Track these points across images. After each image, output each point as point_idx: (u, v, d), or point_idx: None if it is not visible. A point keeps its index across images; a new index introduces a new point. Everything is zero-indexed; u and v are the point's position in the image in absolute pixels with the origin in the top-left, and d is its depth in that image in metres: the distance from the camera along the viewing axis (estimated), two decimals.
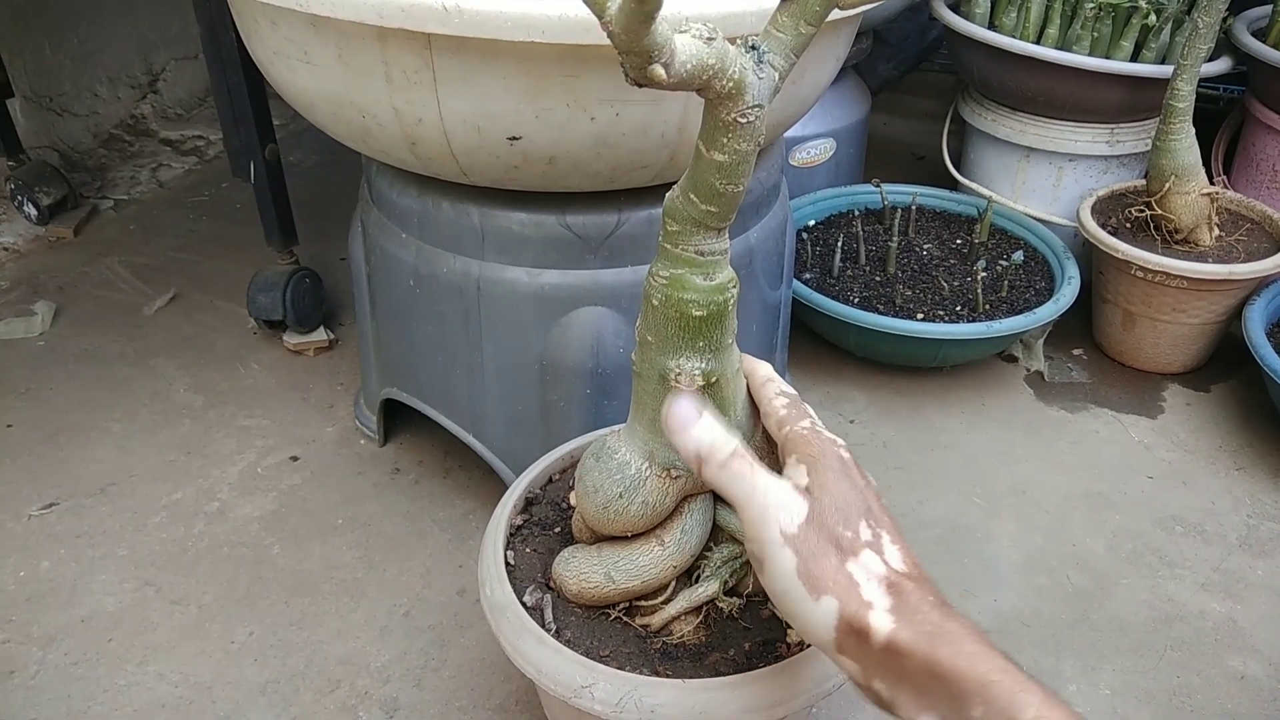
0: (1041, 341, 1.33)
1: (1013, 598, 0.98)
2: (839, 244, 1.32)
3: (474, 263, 0.89)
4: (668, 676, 0.58)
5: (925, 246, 1.38)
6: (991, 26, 1.38)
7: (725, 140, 0.44)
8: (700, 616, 0.62)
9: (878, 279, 1.30)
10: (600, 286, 0.88)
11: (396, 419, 1.16)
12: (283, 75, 0.83)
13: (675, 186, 0.48)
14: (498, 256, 0.88)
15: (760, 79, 0.43)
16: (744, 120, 0.43)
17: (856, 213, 1.46)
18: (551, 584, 0.63)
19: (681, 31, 0.39)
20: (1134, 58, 1.34)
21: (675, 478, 0.57)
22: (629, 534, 0.59)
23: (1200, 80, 1.21)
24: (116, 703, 0.85)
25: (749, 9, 0.72)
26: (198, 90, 2.04)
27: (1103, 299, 1.34)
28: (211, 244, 1.57)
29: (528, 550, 0.67)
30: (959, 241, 1.40)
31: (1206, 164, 1.33)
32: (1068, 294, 1.25)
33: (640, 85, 0.38)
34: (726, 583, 0.62)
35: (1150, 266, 1.23)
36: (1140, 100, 1.35)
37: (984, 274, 1.26)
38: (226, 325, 1.36)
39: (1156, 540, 1.06)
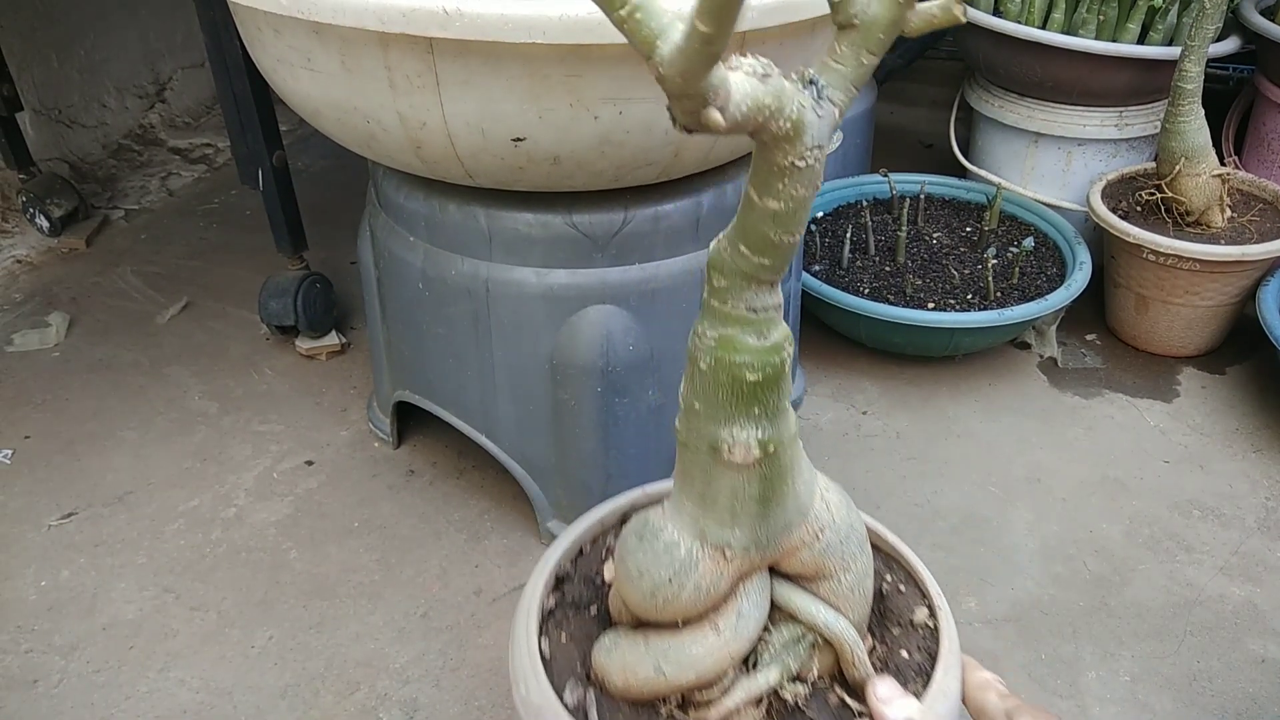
0: (1054, 328, 1.33)
1: (1030, 586, 0.98)
2: (848, 235, 1.31)
3: (482, 264, 0.89)
4: None
5: (935, 235, 1.38)
6: (997, 12, 1.38)
7: (781, 187, 0.39)
8: (762, 708, 0.55)
9: (887, 269, 1.30)
10: (608, 285, 0.88)
11: (409, 421, 1.16)
12: (287, 82, 0.83)
13: (721, 237, 0.44)
14: (505, 257, 0.88)
15: (820, 117, 0.38)
16: (803, 164, 0.38)
17: (865, 203, 1.46)
18: (592, 676, 0.57)
19: (732, 69, 0.35)
20: (1141, 40, 1.33)
21: (731, 559, 0.51)
22: (679, 622, 0.52)
23: (1209, 60, 1.20)
24: (139, 710, 0.85)
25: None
26: (205, 98, 2.05)
27: (1115, 283, 1.33)
28: (222, 251, 1.58)
29: (563, 638, 0.59)
30: (969, 229, 1.40)
31: (1217, 145, 1.32)
32: (1079, 279, 1.24)
33: (691, 132, 0.34)
34: (789, 669, 0.55)
35: (1162, 250, 1.22)
36: (1148, 82, 1.34)
37: (994, 261, 1.26)
38: (239, 332, 1.37)
39: (1174, 525, 1.05)
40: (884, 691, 0.53)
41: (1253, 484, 1.11)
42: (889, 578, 0.59)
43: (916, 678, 0.55)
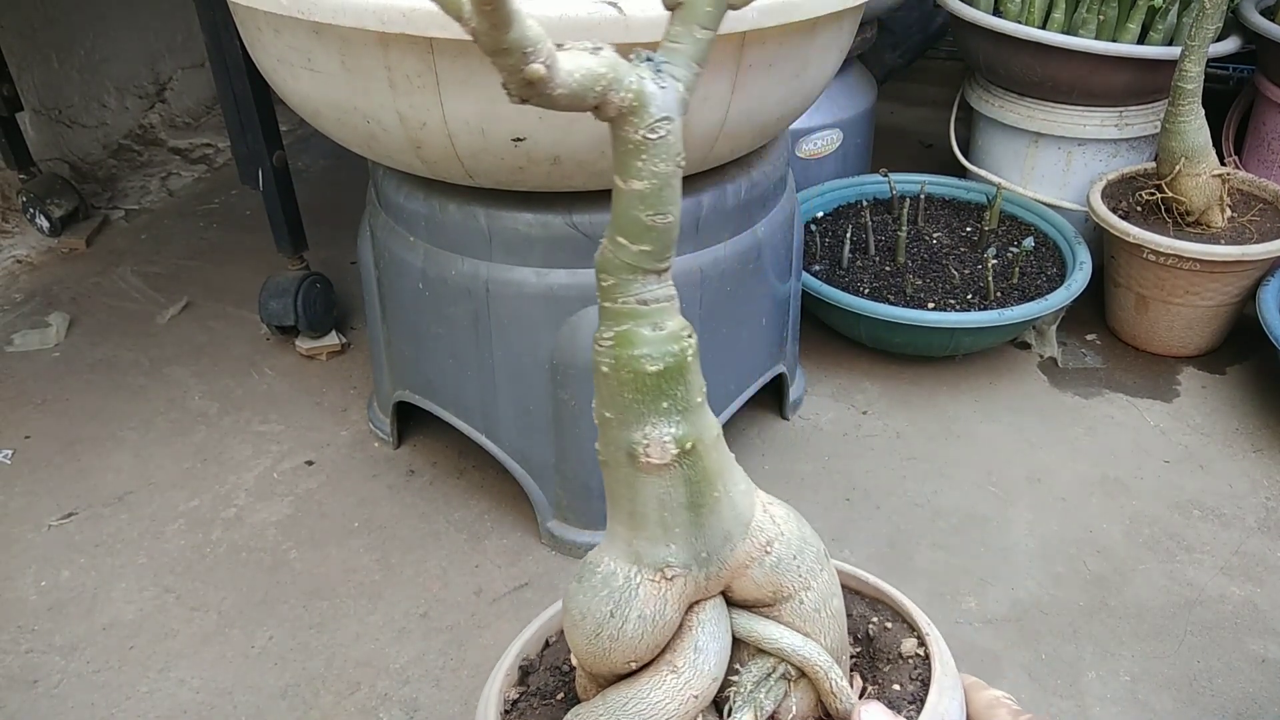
0: (1054, 328, 1.33)
1: (1031, 586, 0.98)
2: (848, 235, 1.31)
3: (482, 264, 0.89)
4: None
5: (935, 235, 1.38)
6: (996, 12, 1.38)
7: (640, 164, 0.39)
8: None
9: (888, 269, 1.30)
10: None
11: (409, 421, 1.16)
12: (287, 82, 0.83)
13: (600, 247, 0.44)
14: (505, 257, 0.88)
15: (663, 88, 0.39)
16: (654, 135, 0.39)
17: (865, 203, 1.46)
18: None
19: (564, 49, 0.36)
20: (1141, 40, 1.33)
21: (671, 578, 0.48)
22: (632, 664, 0.49)
23: (1209, 60, 1.20)
24: (139, 710, 0.85)
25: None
26: (205, 98, 2.05)
27: (1115, 283, 1.33)
28: (222, 251, 1.58)
29: None
30: (969, 229, 1.40)
31: (1217, 145, 1.32)
32: (1079, 279, 1.24)
33: (525, 100, 0.34)
34: (763, 708, 0.51)
35: (1162, 249, 1.22)
36: (1148, 82, 1.34)
37: (995, 261, 1.25)
38: (239, 332, 1.37)
39: (1174, 525, 1.05)
40: (869, 718, 0.49)
41: (1253, 484, 1.11)
42: (875, 619, 0.56)
43: (910, 705, 0.52)
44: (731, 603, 0.51)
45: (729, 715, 0.50)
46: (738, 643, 0.51)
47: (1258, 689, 0.88)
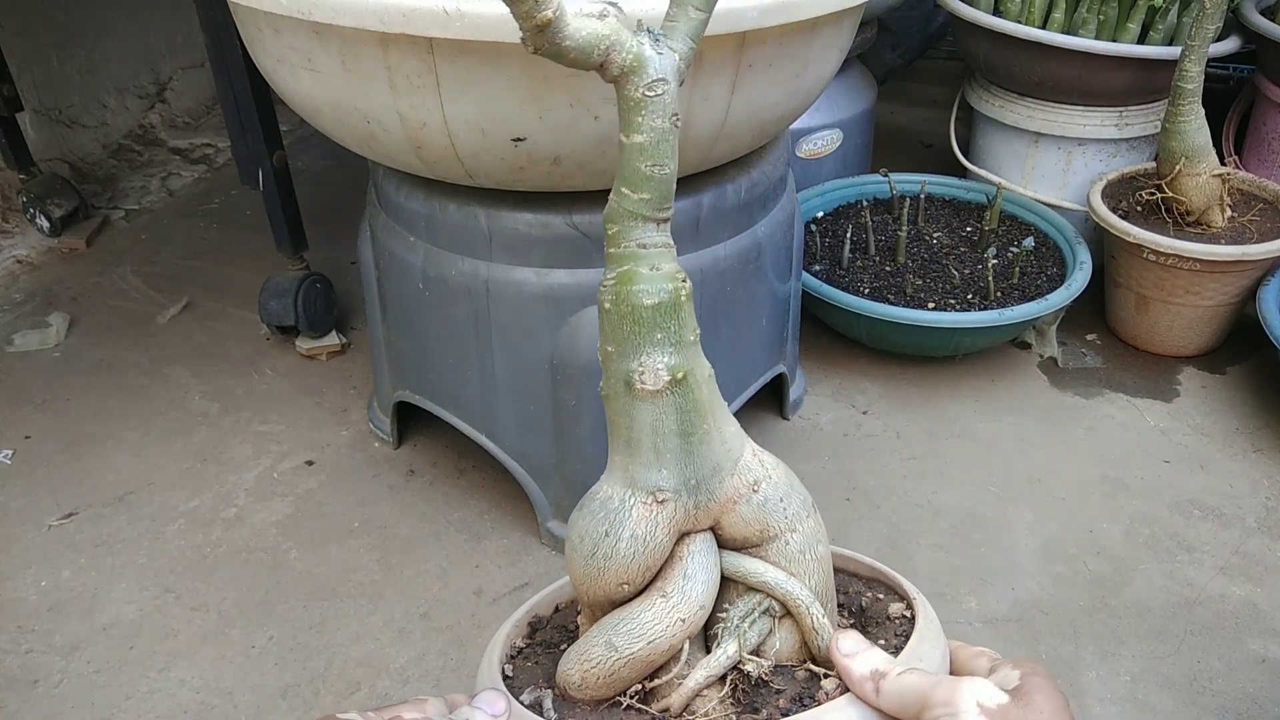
0: (1054, 327, 1.33)
1: (1031, 586, 0.98)
2: (848, 235, 1.31)
3: (482, 264, 0.89)
4: None
5: (935, 235, 1.38)
6: (996, 12, 1.38)
7: (640, 119, 0.45)
8: (727, 687, 0.53)
9: (888, 269, 1.30)
10: None
11: (410, 421, 1.16)
12: (287, 82, 0.83)
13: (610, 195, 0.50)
14: (505, 257, 0.88)
15: (660, 54, 0.45)
16: (653, 94, 0.45)
17: (865, 203, 1.46)
18: (556, 689, 0.55)
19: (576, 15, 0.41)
20: (1141, 40, 1.33)
21: (662, 501, 0.52)
22: (625, 587, 0.53)
23: (1209, 60, 1.20)
24: (139, 710, 0.85)
25: None
26: (205, 98, 2.05)
27: (1115, 283, 1.33)
28: (222, 251, 1.58)
29: (529, 664, 0.59)
30: (969, 229, 1.40)
31: (1217, 144, 1.32)
32: (1079, 279, 1.24)
33: (539, 49, 0.40)
34: (748, 640, 0.54)
35: (1162, 249, 1.22)
36: (1148, 82, 1.34)
37: (995, 261, 1.26)
38: (239, 332, 1.37)
39: (1174, 525, 1.05)
40: (847, 645, 0.51)
41: (1253, 484, 1.11)
42: (869, 594, 0.59)
43: (893, 655, 0.53)
44: (721, 544, 0.55)
45: (716, 646, 0.53)
46: (726, 584, 0.55)
47: (1258, 689, 0.88)
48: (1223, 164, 1.26)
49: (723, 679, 0.53)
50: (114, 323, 1.39)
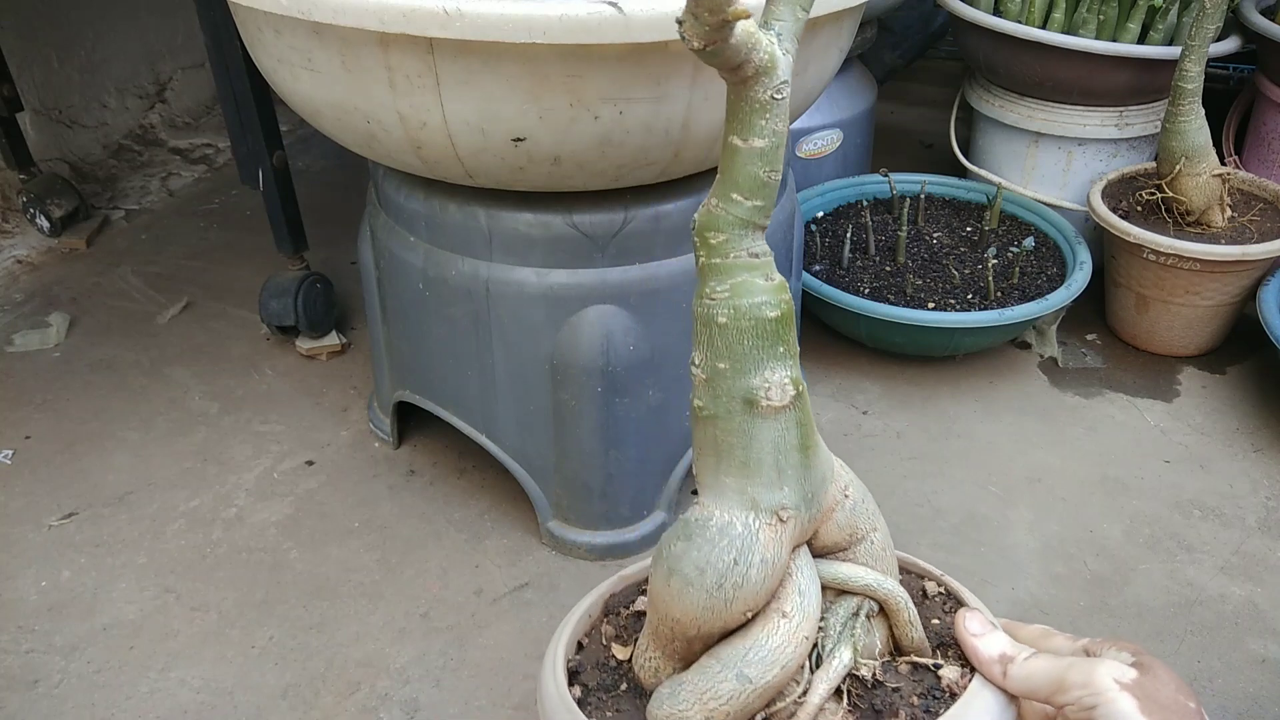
0: (1054, 327, 1.33)
1: (1031, 585, 0.98)
2: (848, 235, 1.31)
3: (482, 264, 0.89)
4: None
5: (935, 235, 1.38)
6: (996, 12, 1.38)
7: (764, 123, 0.44)
8: (842, 700, 0.51)
9: (888, 269, 1.30)
10: (608, 285, 0.88)
11: (410, 421, 1.16)
12: (287, 82, 0.83)
13: (707, 200, 0.47)
14: (505, 257, 0.88)
15: (786, 54, 0.43)
16: (780, 97, 0.43)
17: (865, 203, 1.46)
18: None
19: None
20: (1141, 40, 1.33)
21: (786, 521, 0.50)
22: (748, 614, 0.50)
23: (1209, 60, 1.20)
24: (139, 710, 0.85)
25: None
26: (205, 98, 2.05)
27: (1115, 283, 1.33)
28: (222, 251, 1.58)
29: (609, 715, 0.54)
30: (969, 229, 1.40)
31: (1217, 144, 1.32)
32: (1079, 279, 1.24)
33: (706, 46, 0.38)
34: (860, 643, 0.53)
35: (1162, 249, 1.22)
36: (1148, 82, 1.34)
37: (995, 261, 1.26)
38: (239, 332, 1.37)
39: (1174, 524, 1.05)
40: (975, 626, 0.52)
41: (1253, 484, 1.11)
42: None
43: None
44: (813, 552, 0.54)
45: (827, 654, 0.52)
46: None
47: (1258, 689, 0.88)
48: (1223, 164, 1.27)
49: (838, 690, 0.51)
50: (114, 323, 1.39)
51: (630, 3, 0.67)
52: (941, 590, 0.60)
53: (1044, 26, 1.34)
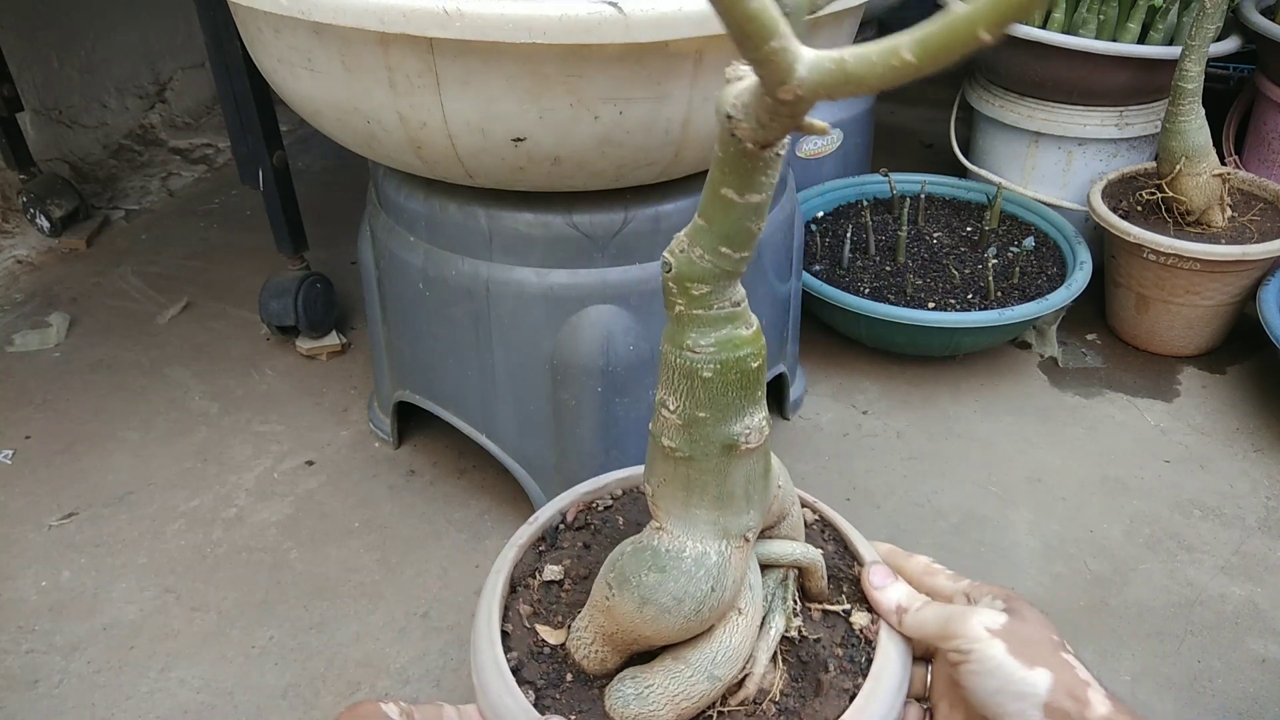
0: (1054, 327, 1.33)
1: (1031, 585, 0.98)
2: (848, 235, 1.31)
3: (482, 264, 0.89)
4: None
5: (935, 235, 1.38)
6: None
7: (764, 178, 0.42)
8: (777, 661, 0.56)
9: (888, 269, 1.30)
10: (608, 285, 0.88)
11: (410, 421, 1.16)
12: (287, 82, 0.83)
13: (686, 250, 0.45)
14: (505, 257, 0.88)
15: None
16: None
17: (865, 203, 1.46)
18: None
19: (730, 80, 0.38)
20: (1141, 40, 1.33)
21: (750, 540, 0.52)
22: (714, 624, 0.53)
23: (1209, 60, 1.20)
24: (139, 710, 0.85)
25: None
26: (205, 98, 2.05)
27: (1115, 283, 1.33)
28: (223, 251, 1.58)
29: (554, 695, 0.55)
30: (969, 229, 1.40)
31: (1217, 144, 1.32)
32: (1080, 279, 1.24)
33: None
34: (789, 608, 0.57)
35: (1162, 249, 1.22)
36: (1149, 82, 1.34)
37: (995, 261, 1.26)
38: (240, 332, 1.37)
39: (1175, 524, 1.05)
40: (878, 579, 0.58)
41: (1253, 483, 1.11)
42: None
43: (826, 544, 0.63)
44: None
45: (763, 625, 0.56)
46: None
47: (1258, 689, 0.88)
48: (1223, 164, 1.27)
49: (773, 655, 0.56)
50: (114, 323, 1.39)
51: (630, 3, 0.67)
52: (817, 518, 0.65)
53: (1044, 26, 1.34)
